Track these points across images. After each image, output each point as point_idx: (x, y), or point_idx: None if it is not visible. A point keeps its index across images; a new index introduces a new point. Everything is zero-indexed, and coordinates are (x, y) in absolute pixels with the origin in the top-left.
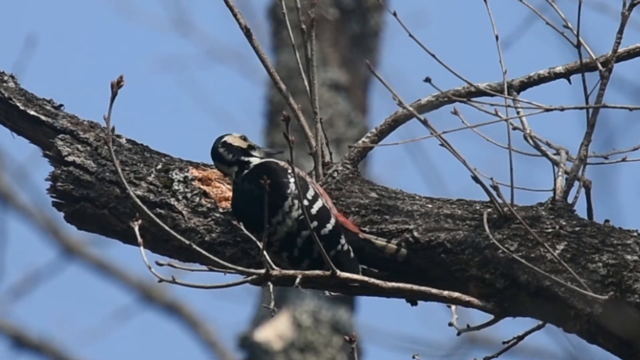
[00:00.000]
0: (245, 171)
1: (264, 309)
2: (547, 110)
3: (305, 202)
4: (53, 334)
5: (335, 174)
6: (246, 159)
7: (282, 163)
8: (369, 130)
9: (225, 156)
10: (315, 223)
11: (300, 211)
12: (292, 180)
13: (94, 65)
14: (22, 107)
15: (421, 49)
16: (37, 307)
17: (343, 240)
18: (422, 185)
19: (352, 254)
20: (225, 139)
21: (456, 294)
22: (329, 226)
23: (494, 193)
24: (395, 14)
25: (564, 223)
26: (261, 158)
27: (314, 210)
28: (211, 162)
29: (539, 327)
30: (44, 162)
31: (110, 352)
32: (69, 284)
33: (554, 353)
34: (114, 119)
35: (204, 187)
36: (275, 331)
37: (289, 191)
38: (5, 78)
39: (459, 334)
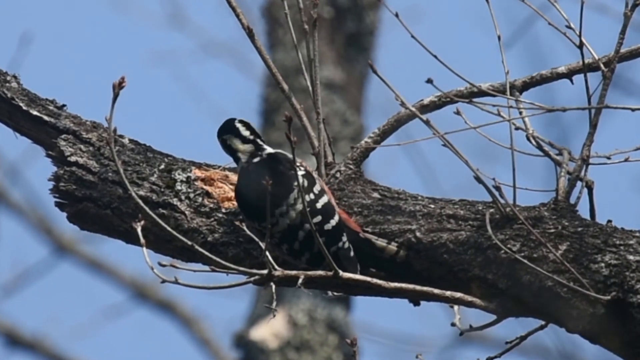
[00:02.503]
0: (258, 158)
1: (259, 307)
2: (550, 110)
3: (312, 196)
4: (46, 331)
5: (338, 174)
6: (261, 143)
7: (291, 156)
8: (364, 128)
9: (242, 131)
10: (319, 217)
11: (306, 204)
12: (300, 173)
13: (89, 60)
14: (25, 107)
15: (418, 47)
16: (30, 305)
17: (345, 238)
18: (418, 183)
19: (352, 253)
20: (241, 118)
21: (459, 295)
22: (333, 222)
23: (496, 193)
24: (397, 15)
25: (566, 223)
26: (272, 149)
27: (319, 205)
28: (214, 162)
29: (541, 328)
30: (37, 160)
31: (103, 350)
32: (62, 282)
33: (556, 351)
34: (114, 118)
35: (207, 187)
36: (271, 330)
37: (295, 183)
38: (8, 78)
39: (461, 334)
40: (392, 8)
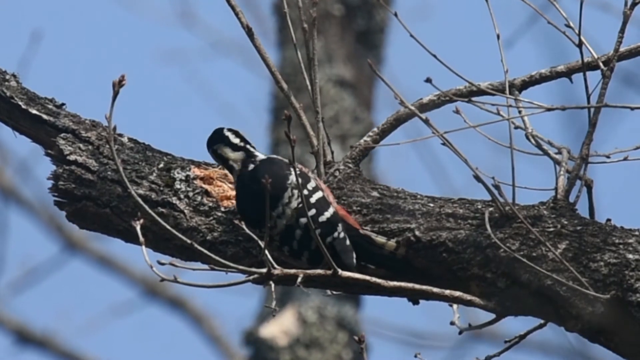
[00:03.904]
0: (252, 165)
1: (268, 304)
2: (549, 109)
3: (305, 192)
4: (56, 328)
5: (337, 173)
6: (252, 149)
7: (286, 160)
8: (374, 126)
9: (232, 139)
10: (313, 210)
11: (299, 200)
12: (293, 172)
13: (99, 58)
14: (24, 106)
15: (426, 44)
16: (40, 302)
17: (340, 228)
18: (428, 180)
19: (347, 242)
20: (230, 127)
21: (458, 293)
22: (327, 214)
23: (495, 192)
24: (396, 15)
25: (565, 222)
26: (264, 154)
27: (312, 200)
28: (213, 162)
29: (540, 326)
30: (47, 157)
31: (113, 347)
32: (72, 279)
33: (557, 348)
34: (118, 115)
35: (206, 186)
36: (280, 327)
37: (288, 182)
38: (7, 77)
39: (460, 332)
40: (401, 6)
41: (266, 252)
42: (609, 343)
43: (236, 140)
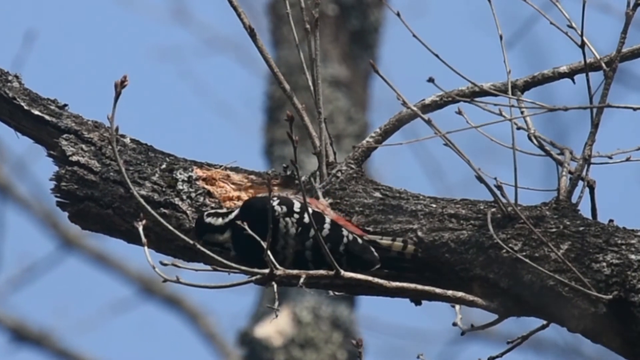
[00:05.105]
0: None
1: (264, 305)
2: (551, 110)
3: (296, 216)
4: (52, 326)
5: (339, 174)
6: (231, 216)
7: (258, 195)
8: (368, 126)
9: (215, 223)
10: (313, 231)
11: (295, 225)
12: (274, 202)
13: (93, 56)
14: (26, 107)
15: (422, 44)
16: (36, 300)
17: (346, 232)
18: (424, 181)
19: (360, 240)
20: (205, 212)
21: (460, 294)
22: (327, 226)
23: (498, 193)
24: (399, 14)
25: (568, 223)
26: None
27: (306, 219)
28: (216, 162)
29: (543, 327)
30: (43, 154)
31: (109, 345)
32: (68, 277)
33: (558, 347)
34: (116, 115)
35: (208, 187)
36: (275, 327)
37: (276, 214)
38: (10, 78)
39: (462, 333)
40: (395, 5)
41: (269, 252)
42: (610, 343)
43: (219, 221)
